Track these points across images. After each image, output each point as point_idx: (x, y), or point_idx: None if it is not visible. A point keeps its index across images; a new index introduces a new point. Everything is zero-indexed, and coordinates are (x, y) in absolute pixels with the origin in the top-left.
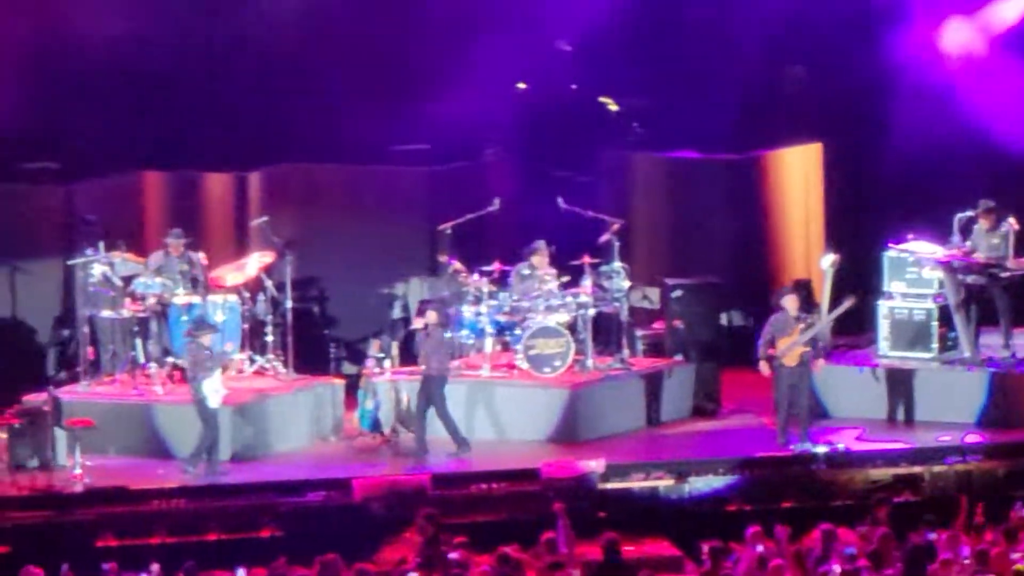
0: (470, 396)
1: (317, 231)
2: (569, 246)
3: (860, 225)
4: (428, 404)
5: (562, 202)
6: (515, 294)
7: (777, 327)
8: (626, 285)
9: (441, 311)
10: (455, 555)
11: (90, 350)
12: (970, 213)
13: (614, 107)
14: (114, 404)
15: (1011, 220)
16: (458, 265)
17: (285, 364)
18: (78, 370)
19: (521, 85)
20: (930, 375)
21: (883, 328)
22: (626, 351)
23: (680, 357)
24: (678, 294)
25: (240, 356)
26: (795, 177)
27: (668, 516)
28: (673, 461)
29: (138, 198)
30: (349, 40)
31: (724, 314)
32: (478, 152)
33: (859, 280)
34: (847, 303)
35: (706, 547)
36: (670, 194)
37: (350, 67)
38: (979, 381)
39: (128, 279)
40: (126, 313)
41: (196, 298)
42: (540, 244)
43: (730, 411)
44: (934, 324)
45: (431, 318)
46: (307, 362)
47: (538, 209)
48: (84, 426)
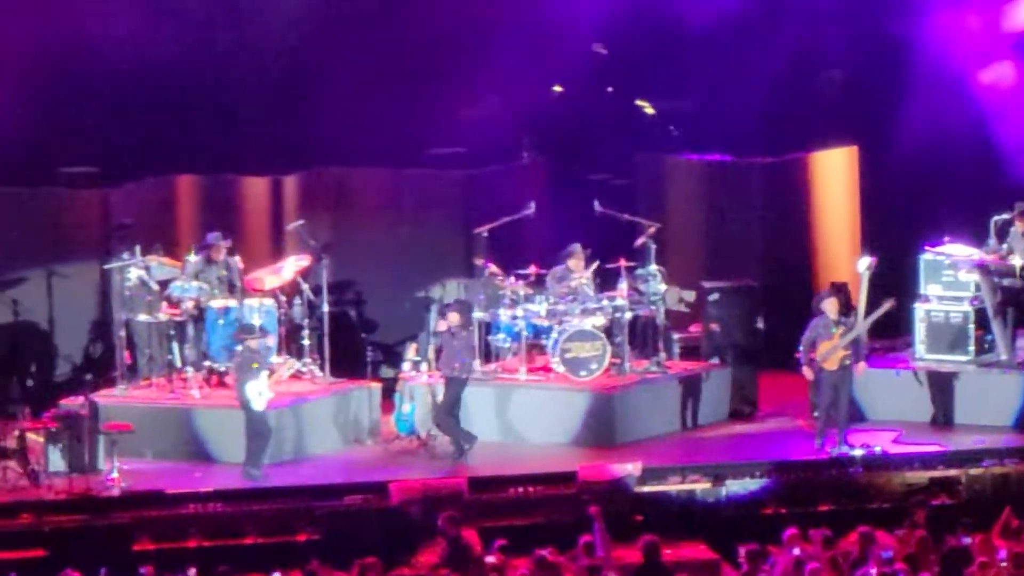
0: (506, 399)
1: (353, 235)
2: (605, 249)
3: (896, 228)
4: (457, 405)
5: (598, 205)
6: (551, 297)
7: (818, 331)
8: (662, 288)
9: (464, 313)
10: (492, 559)
11: (127, 354)
12: (1007, 216)
13: (650, 110)
14: (151, 408)
15: None
16: (494, 268)
17: (322, 368)
18: (115, 374)
19: (557, 88)
20: (967, 378)
21: (919, 331)
22: (662, 354)
23: (716, 360)
24: (715, 297)
25: (278, 360)
26: (831, 180)
27: (705, 519)
28: (710, 464)
29: (174, 202)
30: (385, 44)
31: (760, 317)
32: (514, 155)
33: (895, 283)
34: (884, 306)
35: (743, 550)
36: (706, 197)
37: (385, 70)
38: (1016, 384)
39: (164, 283)
40: (163, 317)
41: (232, 302)
42: (576, 247)
43: (767, 414)
44: (970, 327)
45: (453, 320)
46: (344, 366)
47: (574, 212)
48: (121, 430)
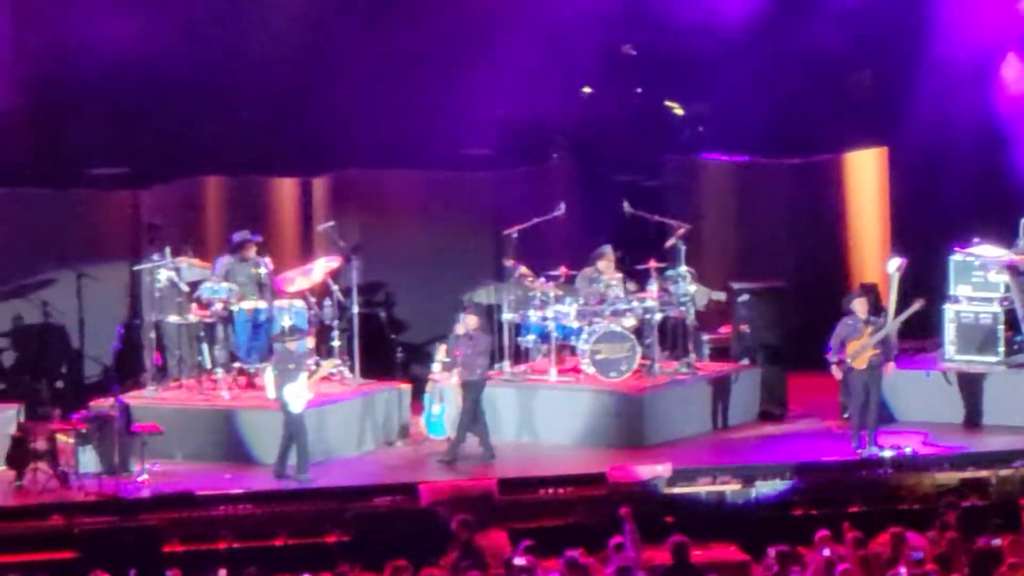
0: (536, 401)
1: (383, 236)
2: (635, 250)
3: (926, 229)
4: (479, 408)
5: (628, 206)
6: (581, 298)
7: (847, 331)
8: (692, 289)
9: (482, 315)
10: (522, 560)
11: (157, 355)
12: None
13: (679, 111)
14: (181, 409)
15: None
16: (524, 269)
17: (352, 369)
18: (145, 376)
19: (586, 89)
20: (996, 379)
21: (949, 332)
22: (692, 355)
23: (746, 361)
24: (744, 298)
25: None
26: (861, 181)
27: (735, 521)
28: (740, 465)
29: (203, 203)
30: (414, 44)
31: (790, 318)
32: (543, 157)
33: (925, 284)
34: (914, 306)
35: (772, 551)
36: (736, 198)
37: (414, 71)
38: None
39: (194, 284)
40: (192, 318)
41: (262, 303)
42: (606, 248)
43: (797, 415)
44: (1000, 328)
45: (471, 323)
46: (374, 367)
47: (604, 213)
48: (151, 432)
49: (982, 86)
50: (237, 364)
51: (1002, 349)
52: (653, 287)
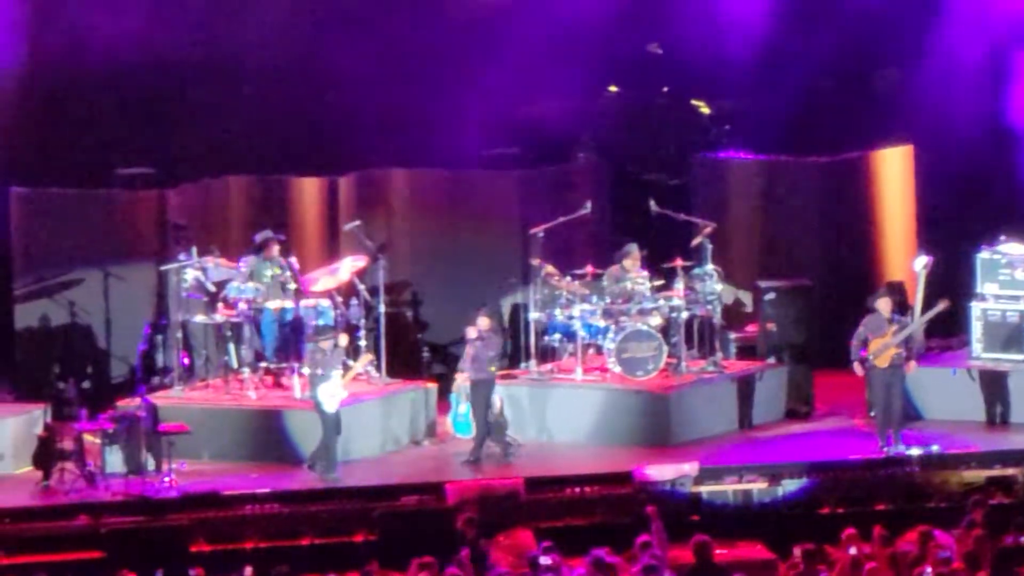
0: (562, 400)
1: (409, 235)
2: (661, 249)
3: (953, 227)
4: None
5: (654, 205)
6: (607, 297)
7: (870, 328)
8: (719, 288)
9: (494, 316)
10: (547, 559)
11: (183, 355)
12: None
13: (706, 110)
14: (207, 409)
15: None
16: (550, 268)
17: (378, 368)
18: (172, 376)
19: (612, 88)
20: (1021, 376)
21: (976, 330)
22: (719, 354)
23: (773, 360)
24: (771, 296)
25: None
26: (887, 179)
27: (762, 519)
28: (766, 464)
29: (229, 203)
30: (441, 44)
31: (816, 316)
32: (570, 155)
33: (952, 282)
34: (940, 306)
35: (798, 550)
36: (762, 196)
37: (441, 71)
38: None
39: (221, 284)
40: (219, 318)
41: (289, 303)
42: (632, 247)
43: (823, 413)
44: None
45: (483, 324)
46: (400, 366)
47: (630, 212)
48: (178, 431)
49: (1008, 82)
50: (263, 364)
51: None
52: (679, 286)
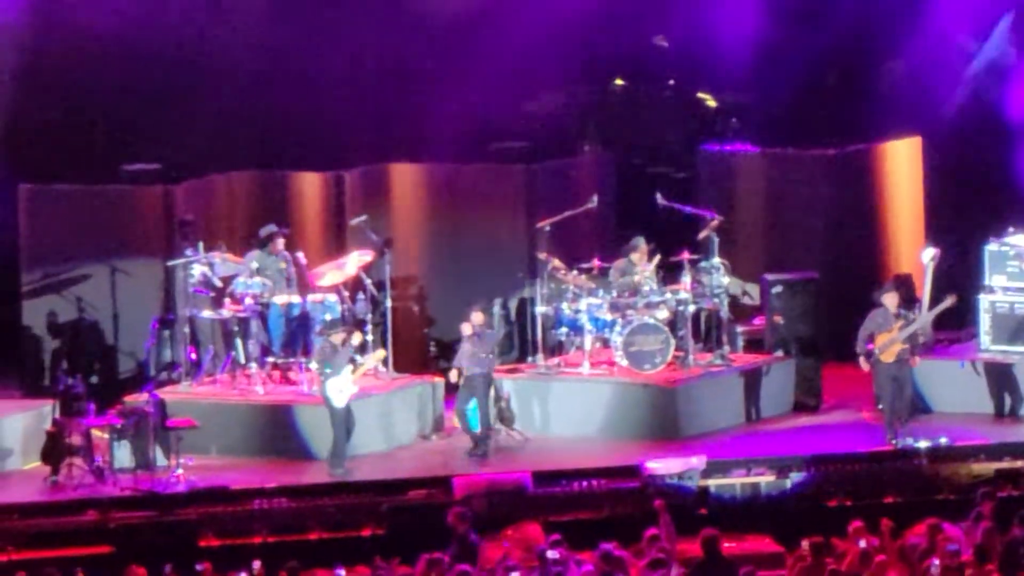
0: (569, 394)
1: (415, 229)
2: (668, 242)
3: (961, 219)
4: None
5: (661, 198)
6: (614, 291)
7: (876, 323)
8: (726, 281)
9: (487, 312)
10: (553, 554)
11: (191, 350)
12: None
13: (712, 103)
14: (215, 404)
15: None
16: (557, 262)
17: (385, 363)
18: (179, 371)
19: (618, 81)
20: None
21: (984, 322)
22: (726, 347)
23: (780, 353)
24: (778, 290)
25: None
26: (895, 171)
27: (770, 512)
28: (774, 457)
29: (236, 199)
30: (444, 37)
31: (824, 309)
32: (576, 149)
33: (960, 274)
34: (947, 301)
35: (806, 543)
36: (769, 189)
37: (447, 64)
38: None
39: (228, 279)
40: (226, 313)
41: (296, 298)
42: (640, 241)
43: (831, 406)
44: None
45: (477, 320)
46: (407, 361)
47: (636, 205)
48: (186, 426)
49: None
50: (270, 359)
51: None
52: (686, 279)
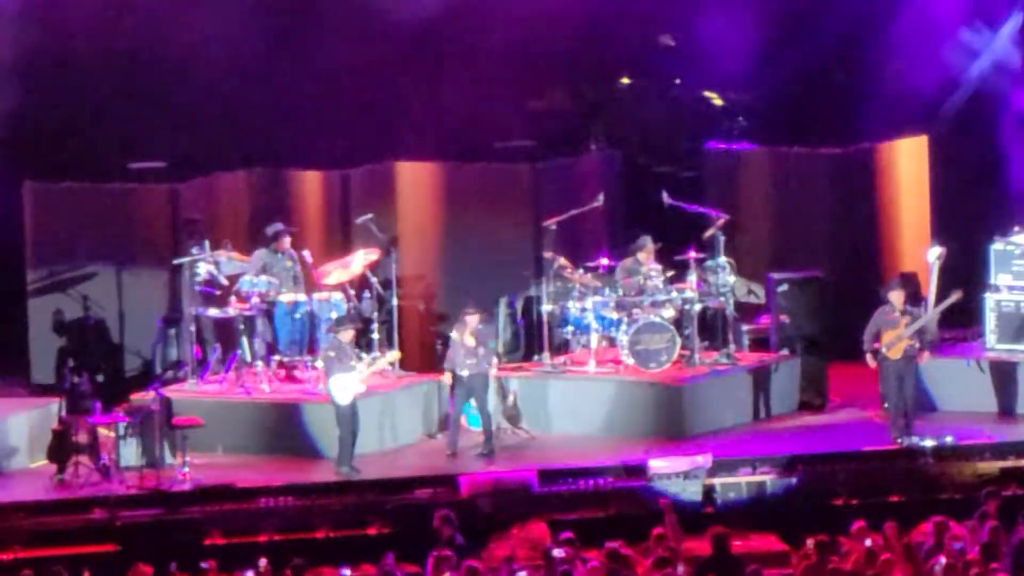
0: (575, 392)
1: (421, 228)
2: (674, 241)
3: (966, 218)
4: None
5: (666, 197)
6: (620, 289)
7: (882, 321)
8: (732, 279)
9: (483, 313)
10: (559, 553)
11: (196, 349)
12: None
13: (718, 101)
14: (221, 402)
15: None
16: (563, 261)
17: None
18: (185, 369)
19: (624, 80)
20: None
21: (990, 321)
22: (732, 346)
23: (786, 351)
24: (784, 288)
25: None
26: (901, 170)
27: (775, 511)
28: (780, 456)
29: (242, 197)
30: (450, 36)
31: (829, 308)
32: (582, 147)
33: (965, 273)
34: (953, 297)
35: (810, 541)
36: (775, 188)
37: (453, 63)
38: None
39: (233, 278)
40: (232, 312)
41: (302, 296)
42: (647, 240)
43: (837, 405)
44: None
45: (473, 322)
46: (413, 359)
47: (643, 204)
48: (192, 425)
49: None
50: (276, 357)
51: None
52: (692, 278)
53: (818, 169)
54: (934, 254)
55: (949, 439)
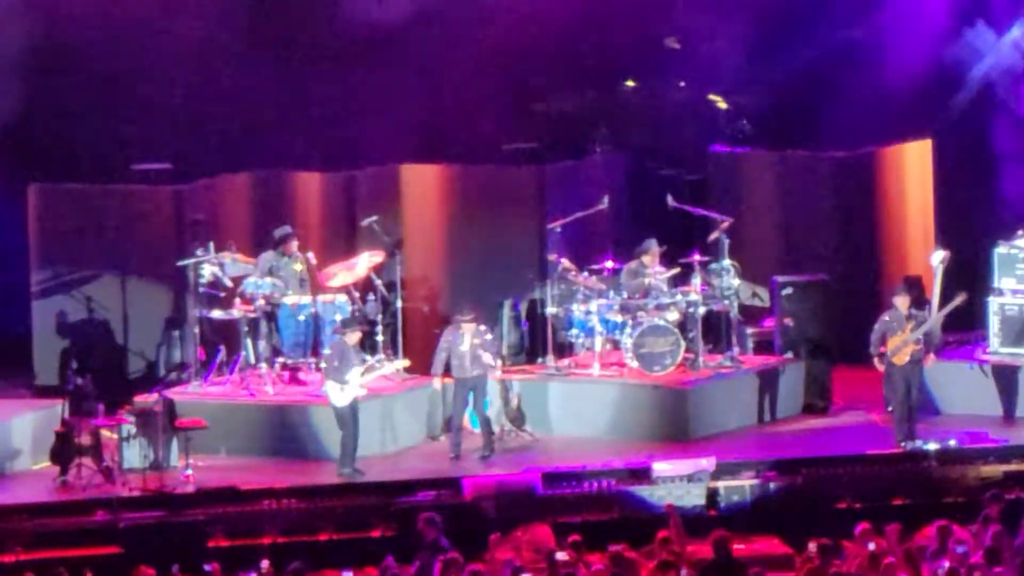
0: (579, 395)
1: (426, 230)
2: (679, 244)
3: (970, 221)
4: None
5: (671, 200)
6: (625, 292)
7: (888, 325)
8: (736, 283)
9: (478, 317)
10: (563, 555)
11: (200, 351)
12: None
13: (723, 104)
14: (225, 404)
15: None
16: (567, 264)
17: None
18: (189, 371)
19: (629, 83)
20: None
21: (993, 324)
22: (736, 349)
23: (790, 355)
24: (788, 292)
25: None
26: (905, 174)
27: (778, 514)
28: (784, 459)
29: (246, 199)
30: (456, 38)
31: (834, 311)
32: (587, 150)
33: (969, 277)
34: (957, 300)
35: (813, 544)
36: (779, 191)
37: (458, 66)
38: None
39: (238, 279)
40: (236, 313)
41: (306, 298)
42: (652, 243)
43: (841, 408)
44: None
45: (470, 328)
46: (417, 362)
47: (647, 207)
48: (195, 427)
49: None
50: (281, 359)
51: None
52: (696, 281)
53: (822, 172)
54: (938, 257)
55: (952, 442)
